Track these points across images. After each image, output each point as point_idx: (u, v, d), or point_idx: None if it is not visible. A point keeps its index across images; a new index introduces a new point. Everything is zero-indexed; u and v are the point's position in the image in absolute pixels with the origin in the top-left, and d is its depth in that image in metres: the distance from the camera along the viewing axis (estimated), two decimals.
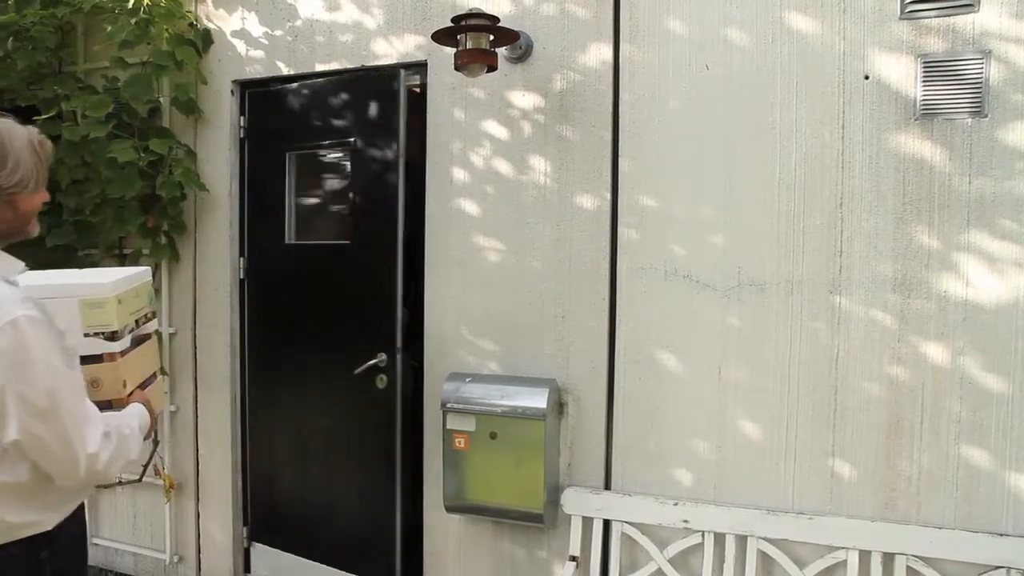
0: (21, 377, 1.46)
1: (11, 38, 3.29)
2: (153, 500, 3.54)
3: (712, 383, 2.58)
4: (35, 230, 1.67)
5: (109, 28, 3.20)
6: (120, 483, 3.55)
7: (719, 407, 2.58)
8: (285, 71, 3.16)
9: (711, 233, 2.57)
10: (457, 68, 2.50)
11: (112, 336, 1.85)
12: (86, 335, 1.80)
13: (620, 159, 2.67)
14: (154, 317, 2.19)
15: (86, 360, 1.79)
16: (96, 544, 3.69)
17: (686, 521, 2.56)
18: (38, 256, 2.24)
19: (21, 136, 1.56)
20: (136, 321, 2.03)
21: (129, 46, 3.19)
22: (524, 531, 2.84)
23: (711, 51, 2.54)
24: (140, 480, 3.50)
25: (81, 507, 1.76)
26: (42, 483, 1.57)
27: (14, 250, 1.65)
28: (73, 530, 1.72)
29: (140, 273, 2.10)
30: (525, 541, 2.85)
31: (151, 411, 1.91)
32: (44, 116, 3.26)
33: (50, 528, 1.61)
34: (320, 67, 3.09)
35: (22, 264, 1.63)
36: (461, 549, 2.95)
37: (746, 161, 2.51)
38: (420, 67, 2.93)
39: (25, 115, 3.34)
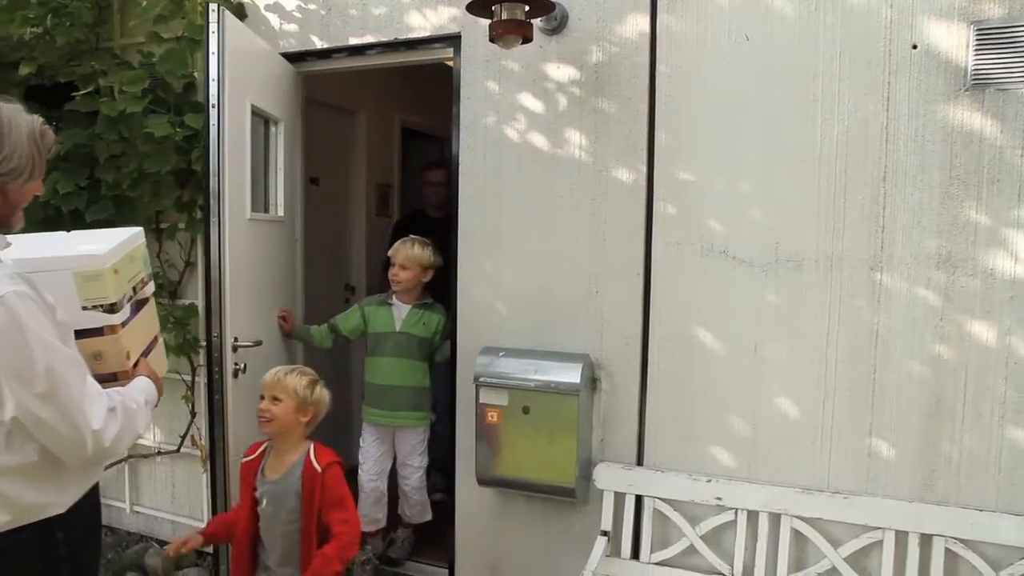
0: (17, 357, 1.41)
1: (50, 15, 3.32)
2: (191, 470, 3.62)
3: (748, 360, 2.55)
4: (19, 223, 1.58)
5: (144, 3, 3.22)
6: (159, 453, 3.63)
7: (755, 384, 2.54)
8: (319, 45, 3.15)
9: (749, 207, 2.52)
10: (492, 40, 2.46)
11: (111, 308, 1.74)
12: (84, 308, 1.70)
13: (656, 132, 2.62)
14: (151, 280, 2.07)
15: (86, 333, 1.71)
16: (137, 512, 3.79)
17: (719, 498, 2.54)
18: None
19: (23, 124, 1.50)
20: (133, 288, 1.91)
21: (164, 21, 3.21)
22: (556, 505, 2.84)
23: (751, 21, 2.47)
24: (178, 451, 3.58)
25: (95, 488, 1.73)
26: (52, 464, 1.53)
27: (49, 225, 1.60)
28: (87, 511, 1.69)
29: (133, 236, 1.95)
30: (557, 515, 2.86)
31: (157, 381, 1.86)
32: (82, 91, 3.30)
33: (63, 510, 1.58)
34: (354, 40, 3.07)
35: (7, 240, 1.55)
36: (492, 522, 2.97)
37: (786, 134, 2.45)
38: (453, 39, 2.90)
39: (64, 90, 3.44)
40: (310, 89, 3.48)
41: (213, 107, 2.65)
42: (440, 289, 3.22)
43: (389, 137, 4.79)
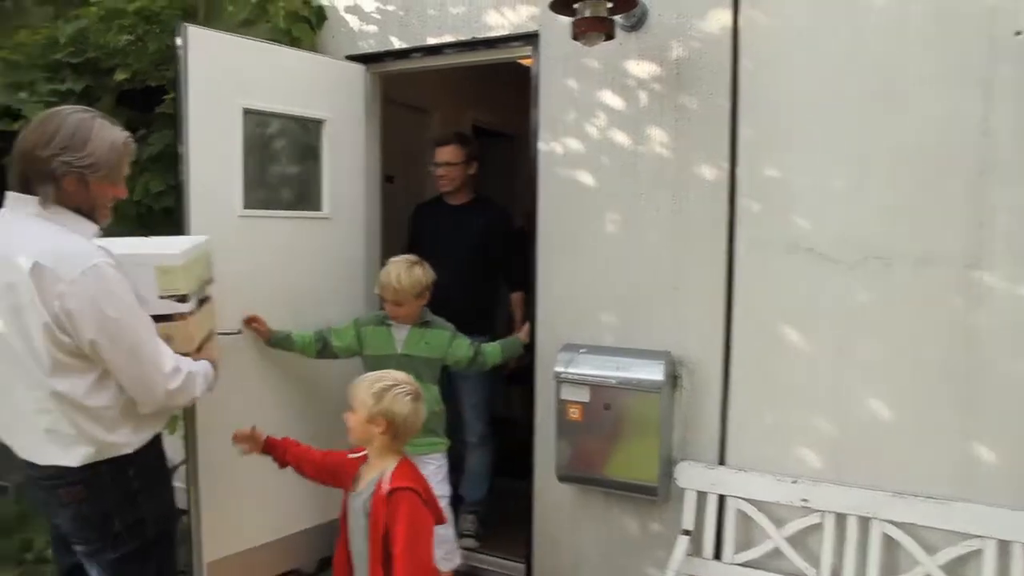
0: (109, 314, 1.73)
1: (143, 22, 3.46)
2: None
3: (836, 359, 2.49)
4: (105, 219, 1.92)
5: (231, 8, 3.32)
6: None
7: (843, 384, 2.49)
8: (397, 45, 3.20)
9: (836, 204, 2.46)
10: (575, 37, 2.46)
11: (182, 299, 2.08)
12: (160, 297, 2.03)
13: (739, 128, 2.58)
14: (212, 281, 2.43)
15: (159, 319, 2.02)
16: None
17: (805, 500, 2.50)
18: None
19: (107, 134, 1.83)
20: (199, 286, 2.25)
21: (249, 25, 3.30)
22: (635, 503, 2.84)
23: (837, 11, 2.41)
24: None
25: (158, 438, 2.03)
26: (127, 408, 1.86)
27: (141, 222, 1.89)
28: (153, 457, 2.00)
29: (203, 242, 2.36)
30: (636, 513, 2.85)
31: (215, 367, 2.16)
32: (171, 95, 3.42)
33: (131, 452, 1.88)
34: (431, 40, 3.11)
35: (95, 227, 1.88)
36: (571, 518, 2.99)
37: (875, 127, 2.38)
38: (531, 38, 2.90)
39: (155, 94, 3.58)
40: (386, 89, 3.53)
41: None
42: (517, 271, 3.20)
43: None
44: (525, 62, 3.06)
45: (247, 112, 2.97)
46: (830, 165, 2.46)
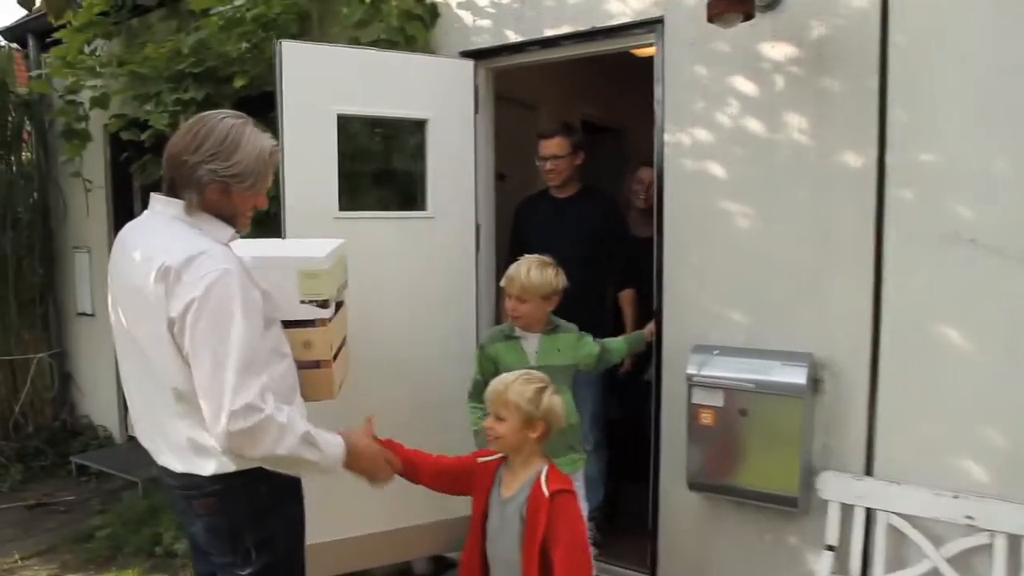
0: (213, 321, 1.59)
1: (260, 29, 3.53)
2: None
3: (1003, 362, 2.26)
4: (245, 227, 1.86)
5: (345, 10, 3.33)
6: None
7: (1011, 389, 2.25)
8: (512, 39, 3.13)
9: (1003, 190, 2.23)
10: (710, 19, 2.32)
11: (324, 304, 2.00)
12: (301, 302, 1.97)
13: (889, 110, 2.37)
14: (347, 286, 2.35)
15: (301, 324, 1.98)
16: None
17: (970, 517, 2.27)
18: None
19: (257, 142, 1.77)
20: (338, 290, 2.19)
21: (364, 25, 3.31)
22: (770, 514, 2.66)
23: None
24: None
25: None
26: None
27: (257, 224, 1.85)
28: (285, 476, 1.83)
29: (341, 245, 2.27)
30: (771, 525, 2.68)
31: (365, 461, 1.90)
32: None
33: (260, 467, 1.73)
34: (548, 32, 3.02)
35: (232, 231, 1.81)
36: (698, 529, 2.84)
37: None
38: (654, 24, 2.77)
39: (270, 99, 3.65)
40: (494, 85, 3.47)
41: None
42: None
43: None
44: (642, 52, 2.94)
45: (342, 118, 3.02)
46: (997, 147, 2.22)
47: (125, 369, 1.85)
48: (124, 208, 5.03)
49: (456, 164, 3.25)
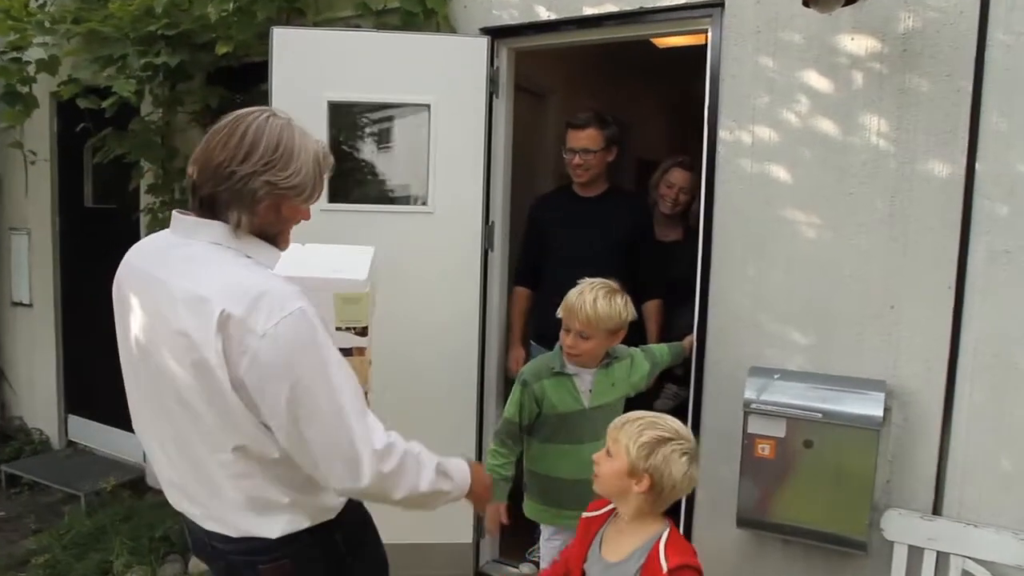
0: (308, 372, 1.34)
1: None
2: None
3: None
4: (286, 245, 1.57)
5: None
6: None
7: None
8: (545, 16, 2.80)
9: None
10: (806, 3, 2.05)
11: (363, 331, 1.66)
12: (338, 328, 1.62)
13: (983, 115, 2.15)
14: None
15: None
16: None
17: None
18: None
19: (309, 144, 1.48)
20: (374, 310, 1.80)
21: None
22: (823, 554, 2.42)
23: None
24: None
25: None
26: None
27: None
28: (359, 517, 1.67)
29: (373, 256, 1.80)
30: (824, 566, 2.44)
31: (481, 488, 1.68)
32: None
33: (334, 516, 1.55)
34: (588, 11, 2.71)
35: (279, 254, 1.53)
36: (740, 568, 2.58)
37: None
38: (713, 7, 2.49)
39: (252, 72, 3.24)
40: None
41: None
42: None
43: None
44: (664, 42, 2.66)
45: (333, 105, 2.85)
46: None
47: (159, 427, 1.49)
48: (71, 186, 4.51)
49: (463, 154, 2.92)
